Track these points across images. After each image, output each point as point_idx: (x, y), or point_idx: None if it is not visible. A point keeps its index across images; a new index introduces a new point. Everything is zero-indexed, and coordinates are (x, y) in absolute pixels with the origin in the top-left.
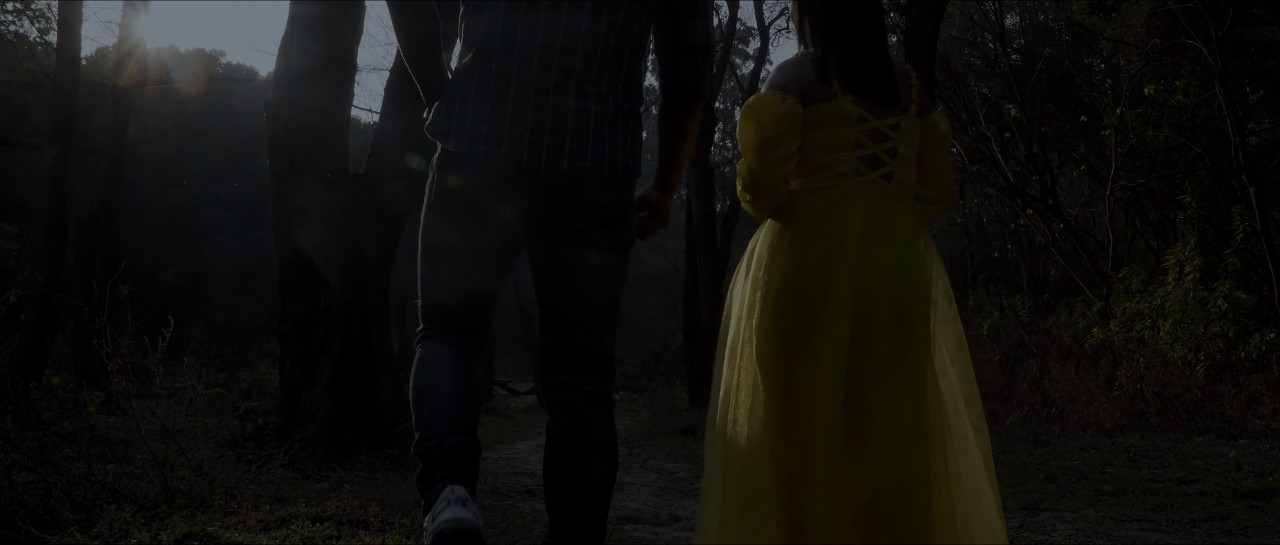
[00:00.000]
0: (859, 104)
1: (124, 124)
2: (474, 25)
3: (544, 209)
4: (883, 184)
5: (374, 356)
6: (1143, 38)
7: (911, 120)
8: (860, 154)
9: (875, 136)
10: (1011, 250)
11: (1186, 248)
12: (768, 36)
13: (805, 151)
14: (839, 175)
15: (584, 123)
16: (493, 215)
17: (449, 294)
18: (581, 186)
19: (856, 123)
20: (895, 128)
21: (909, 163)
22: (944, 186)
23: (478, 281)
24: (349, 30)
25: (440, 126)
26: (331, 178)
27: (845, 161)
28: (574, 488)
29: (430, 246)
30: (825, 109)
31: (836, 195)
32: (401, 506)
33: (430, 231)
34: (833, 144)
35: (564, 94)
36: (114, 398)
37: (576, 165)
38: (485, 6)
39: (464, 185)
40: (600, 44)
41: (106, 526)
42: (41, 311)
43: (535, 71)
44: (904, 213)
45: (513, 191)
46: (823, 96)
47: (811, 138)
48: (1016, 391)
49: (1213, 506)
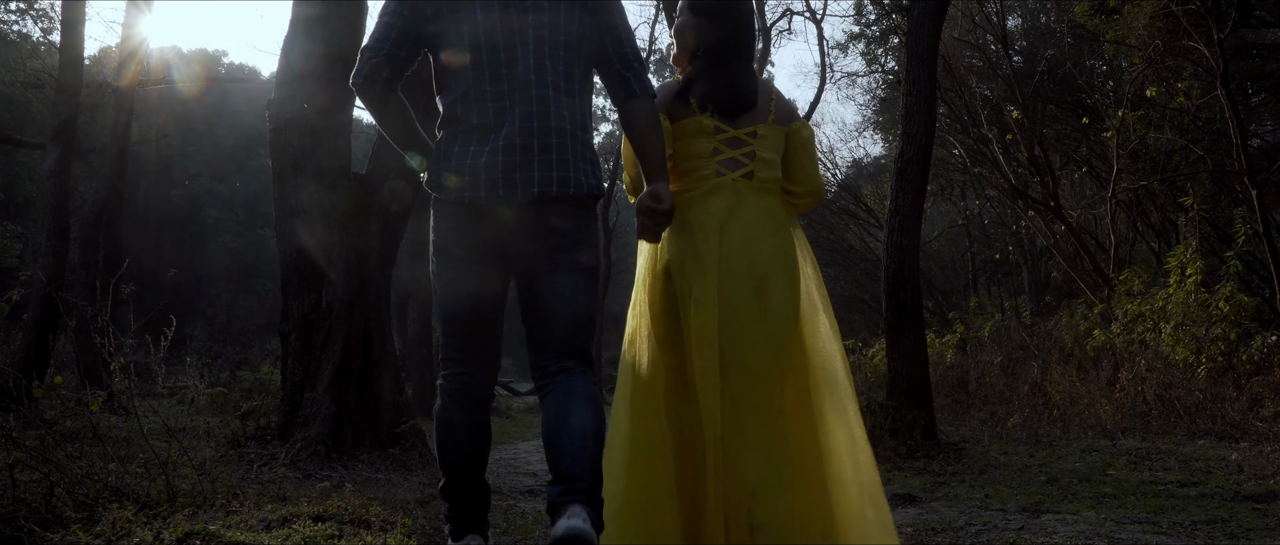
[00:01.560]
0: (715, 117)
1: (126, 124)
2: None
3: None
4: (744, 182)
5: (376, 356)
6: (1145, 40)
7: (770, 127)
8: (718, 159)
9: (733, 143)
10: (1013, 252)
11: (1188, 250)
12: (769, 38)
13: (676, 159)
14: (701, 178)
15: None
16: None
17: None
18: (548, 210)
19: (713, 134)
20: (753, 135)
21: (769, 163)
22: (810, 183)
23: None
24: (351, 30)
25: (434, 181)
26: (333, 178)
27: (706, 166)
28: (568, 431)
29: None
30: (687, 124)
31: (701, 194)
32: (403, 506)
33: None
34: (695, 152)
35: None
36: (116, 397)
37: (545, 191)
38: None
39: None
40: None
41: (109, 525)
42: (44, 310)
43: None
44: (767, 204)
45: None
46: (685, 114)
47: (680, 148)
48: (1018, 393)
49: (1214, 509)
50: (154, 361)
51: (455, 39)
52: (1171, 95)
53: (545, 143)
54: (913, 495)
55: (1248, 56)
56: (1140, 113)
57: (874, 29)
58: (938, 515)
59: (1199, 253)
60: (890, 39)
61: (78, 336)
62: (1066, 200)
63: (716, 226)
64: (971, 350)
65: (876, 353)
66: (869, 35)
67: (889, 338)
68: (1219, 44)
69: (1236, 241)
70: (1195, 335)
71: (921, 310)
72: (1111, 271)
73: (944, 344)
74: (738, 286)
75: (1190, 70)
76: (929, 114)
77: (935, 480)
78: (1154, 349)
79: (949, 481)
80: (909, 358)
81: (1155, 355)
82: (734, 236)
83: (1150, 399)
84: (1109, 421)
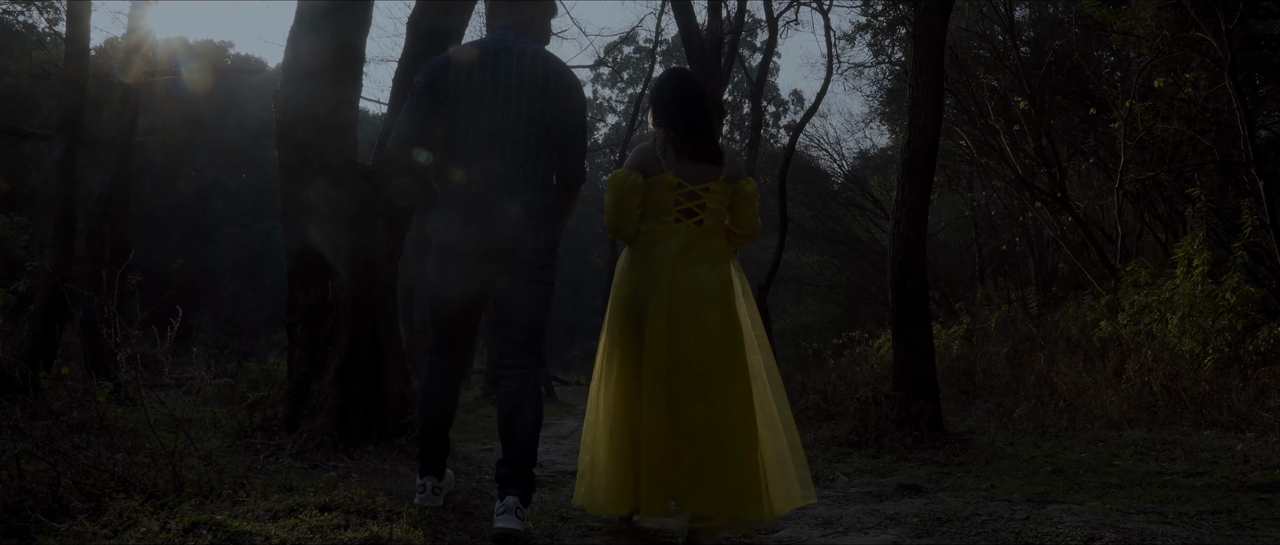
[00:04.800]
0: (678, 176)
1: (133, 115)
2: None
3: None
4: (695, 227)
5: (382, 349)
6: (1152, 31)
7: (720, 185)
8: (678, 208)
9: (690, 197)
10: (1020, 243)
11: (1195, 241)
12: (776, 28)
13: (646, 205)
14: (663, 222)
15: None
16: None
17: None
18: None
19: (676, 188)
20: (705, 190)
21: (716, 213)
22: (748, 226)
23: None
24: (357, 23)
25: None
26: (339, 172)
27: (668, 213)
28: (514, 424)
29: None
30: (656, 180)
31: (661, 234)
32: (409, 496)
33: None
34: (661, 202)
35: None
36: (123, 387)
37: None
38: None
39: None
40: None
41: (115, 515)
42: (51, 302)
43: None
44: (712, 244)
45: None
46: (656, 171)
47: (649, 198)
48: (1024, 384)
49: (1220, 499)
50: (160, 353)
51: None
52: (1179, 86)
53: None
54: (919, 486)
55: (1255, 47)
56: (1147, 103)
57: (881, 20)
58: (944, 505)
59: (1206, 244)
60: (897, 30)
61: (84, 328)
62: (1073, 191)
63: (671, 261)
64: (978, 341)
65: (882, 344)
66: (876, 26)
67: (895, 329)
68: (1226, 35)
69: (1243, 232)
70: (1202, 326)
71: (928, 302)
72: (1118, 262)
73: (950, 335)
74: (684, 306)
75: (1197, 61)
76: (936, 105)
77: (941, 471)
78: (1160, 340)
79: (955, 472)
80: (915, 349)
81: (1162, 346)
82: (683, 269)
83: (1156, 390)
84: (1115, 412)
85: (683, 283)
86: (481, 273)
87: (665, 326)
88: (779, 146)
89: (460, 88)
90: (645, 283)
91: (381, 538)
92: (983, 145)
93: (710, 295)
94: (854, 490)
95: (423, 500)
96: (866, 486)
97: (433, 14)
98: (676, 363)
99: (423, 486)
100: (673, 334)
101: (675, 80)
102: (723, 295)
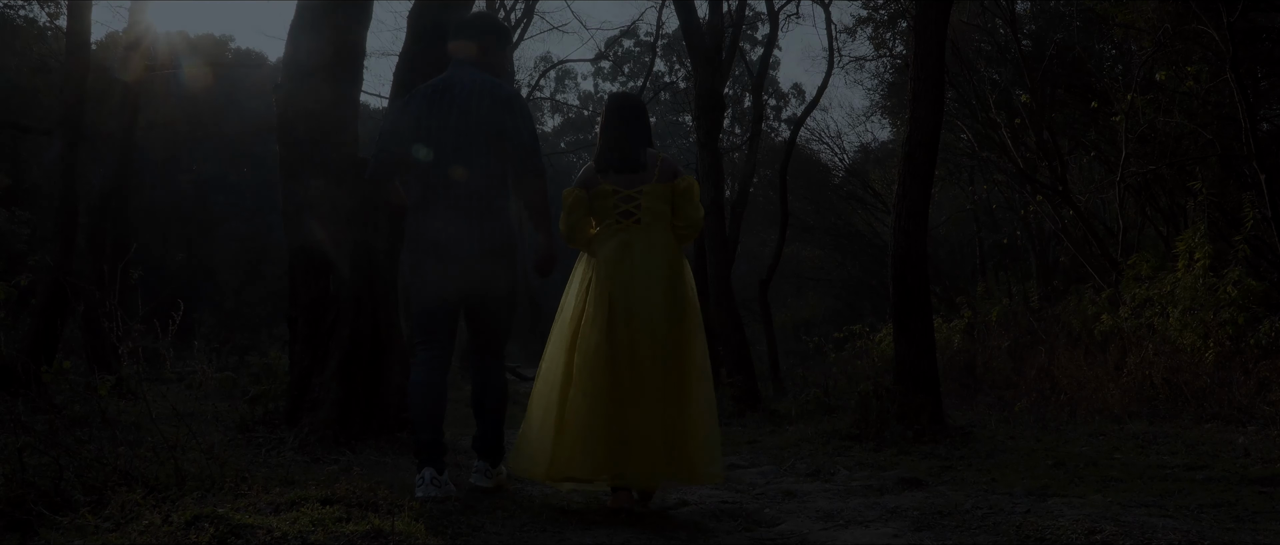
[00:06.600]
0: (614, 184)
1: (134, 110)
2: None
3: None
4: (633, 225)
5: (383, 343)
6: (1154, 23)
7: (654, 186)
8: (617, 211)
9: (626, 199)
10: (1021, 237)
11: (1196, 234)
12: (777, 22)
13: (595, 212)
14: (608, 224)
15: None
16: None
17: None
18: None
19: (613, 194)
20: (639, 192)
21: (652, 210)
22: (688, 219)
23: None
24: (358, 18)
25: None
26: (340, 168)
27: (611, 216)
28: (484, 406)
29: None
30: (597, 191)
31: (607, 234)
32: (410, 489)
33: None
34: (605, 207)
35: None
36: (125, 382)
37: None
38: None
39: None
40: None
41: (117, 508)
42: (52, 296)
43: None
44: (654, 238)
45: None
46: (596, 184)
47: (597, 206)
48: (1025, 378)
49: (1220, 493)
50: (162, 347)
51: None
52: (1181, 79)
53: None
54: (919, 479)
55: (1257, 40)
56: (1149, 97)
57: (882, 13)
58: (944, 499)
59: (1207, 237)
60: (898, 23)
61: (86, 322)
62: (1074, 184)
63: (616, 253)
64: (979, 335)
65: (884, 338)
66: (877, 19)
67: (896, 323)
68: (1228, 27)
69: (1245, 226)
70: (1203, 319)
71: (929, 295)
72: (1119, 256)
73: (951, 329)
74: (633, 288)
75: (1199, 54)
76: (937, 99)
77: (942, 464)
78: (1161, 333)
79: (956, 466)
80: (916, 343)
81: (1163, 339)
82: (629, 259)
83: (1157, 383)
84: (1116, 405)
85: (631, 268)
86: (447, 270)
87: (606, 304)
88: (780, 140)
89: (422, 119)
90: (596, 272)
91: (383, 530)
92: (984, 138)
93: (654, 279)
94: (855, 483)
95: (424, 492)
96: (867, 480)
97: (432, 9)
98: (631, 334)
99: (422, 478)
100: (613, 309)
101: (606, 105)
102: (667, 279)
